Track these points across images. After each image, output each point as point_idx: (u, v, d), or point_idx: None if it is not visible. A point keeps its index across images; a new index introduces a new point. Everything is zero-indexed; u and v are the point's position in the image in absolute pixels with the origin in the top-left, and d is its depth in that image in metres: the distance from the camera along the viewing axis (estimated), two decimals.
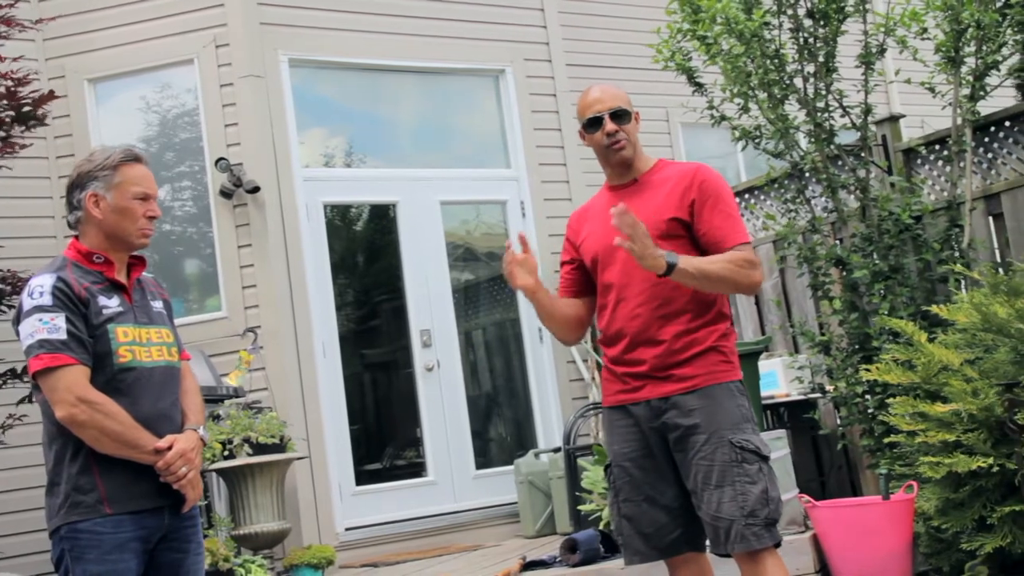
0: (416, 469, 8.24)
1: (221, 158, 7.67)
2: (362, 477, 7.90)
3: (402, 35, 8.52)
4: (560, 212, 8.92)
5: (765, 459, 3.52)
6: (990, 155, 6.31)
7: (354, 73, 8.45)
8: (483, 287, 9.02)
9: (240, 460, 6.06)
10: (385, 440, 8.55)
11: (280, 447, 6.28)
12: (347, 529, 7.60)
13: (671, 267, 3.39)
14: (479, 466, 8.33)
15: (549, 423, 8.59)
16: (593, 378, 8.64)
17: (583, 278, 3.83)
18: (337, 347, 7.88)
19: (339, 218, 8.44)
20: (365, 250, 8.67)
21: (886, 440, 5.40)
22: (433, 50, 8.63)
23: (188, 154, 8.02)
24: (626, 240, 3.37)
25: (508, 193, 8.83)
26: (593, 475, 6.18)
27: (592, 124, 3.72)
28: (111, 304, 3.20)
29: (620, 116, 3.71)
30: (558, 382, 8.65)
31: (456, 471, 8.19)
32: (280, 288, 7.61)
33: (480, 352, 8.90)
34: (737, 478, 3.45)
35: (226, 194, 7.63)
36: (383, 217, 8.57)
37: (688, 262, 3.43)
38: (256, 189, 7.60)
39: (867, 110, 6.20)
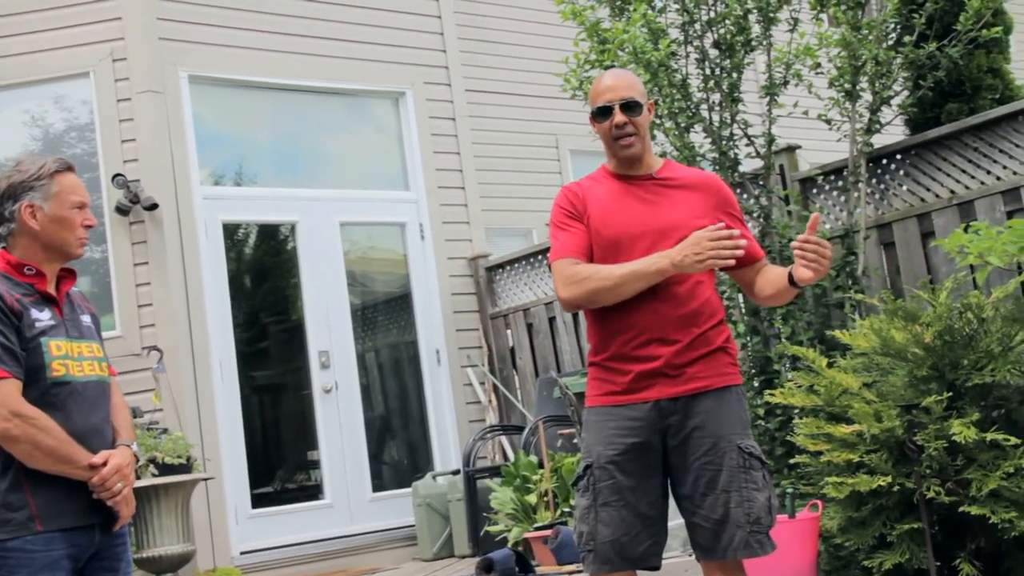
0: (313, 492, 8.18)
1: (118, 174, 7.52)
2: (258, 500, 7.80)
3: (304, 55, 8.49)
4: (459, 235, 8.99)
5: (767, 466, 3.49)
6: (882, 186, 6.55)
7: (255, 91, 8.39)
8: (381, 309, 9.01)
9: (146, 481, 5.94)
10: (282, 462, 8.46)
11: (186, 468, 6.17)
12: (242, 553, 7.50)
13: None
14: (376, 488, 8.30)
15: (446, 445, 8.60)
16: (490, 401, 8.68)
17: (591, 249, 3.61)
18: (235, 367, 7.78)
19: (238, 237, 8.35)
20: (264, 270, 8.58)
21: (791, 460, 5.54)
22: (334, 70, 8.62)
23: (82, 169, 7.69)
24: (820, 272, 3.39)
25: (407, 215, 8.84)
26: (501, 496, 6.21)
27: (601, 113, 3.56)
28: (43, 317, 3.12)
29: (631, 107, 3.55)
30: (455, 404, 8.67)
31: (353, 494, 8.14)
32: (177, 307, 7.49)
33: (378, 374, 8.88)
34: (744, 484, 3.39)
35: (122, 211, 7.49)
36: (282, 237, 8.50)
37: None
38: (154, 206, 7.48)
39: (771, 139, 6.38)
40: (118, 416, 3.30)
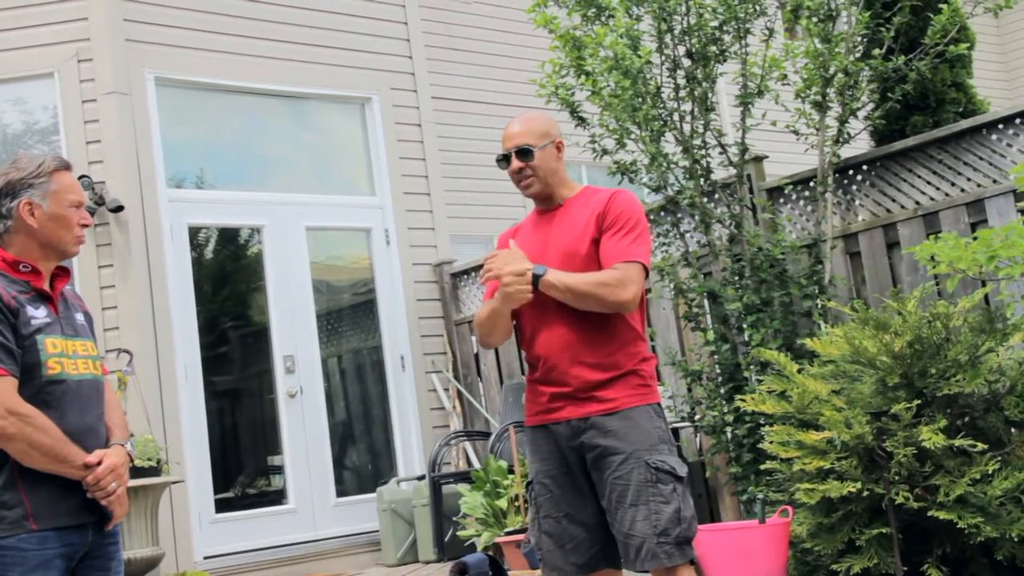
0: (276, 497, 8.15)
1: (83, 175, 7.46)
2: (222, 504, 7.76)
3: (271, 59, 8.48)
4: (424, 241, 9.00)
5: (680, 479, 3.62)
6: (849, 197, 6.64)
7: (223, 95, 8.36)
8: (346, 314, 8.99)
9: None
10: (246, 467, 8.42)
11: (156, 471, 6.13)
12: (205, 558, 7.45)
13: (536, 279, 3.57)
14: (340, 494, 8.28)
15: (410, 451, 8.60)
16: (454, 407, 8.70)
17: None
18: (200, 371, 7.74)
19: (204, 241, 8.30)
20: (230, 274, 8.54)
21: (760, 466, 5.59)
22: (301, 75, 8.61)
23: None
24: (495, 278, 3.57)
25: (373, 221, 8.84)
26: (471, 500, 6.22)
27: (502, 160, 3.84)
28: (39, 315, 3.10)
29: (524, 153, 3.78)
30: (419, 410, 8.68)
31: (317, 499, 8.12)
32: (142, 310, 7.44)
33: (343, 379, 8.86)
34: (651, 498, 3.55)
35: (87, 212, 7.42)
36: (248, 241, 8.47)
37: (555, 276, 3.58)
38: (119, 208, 7.43)
39: (743, 148, 6.46)
40: (112, 415, 3.29)
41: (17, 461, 3.00)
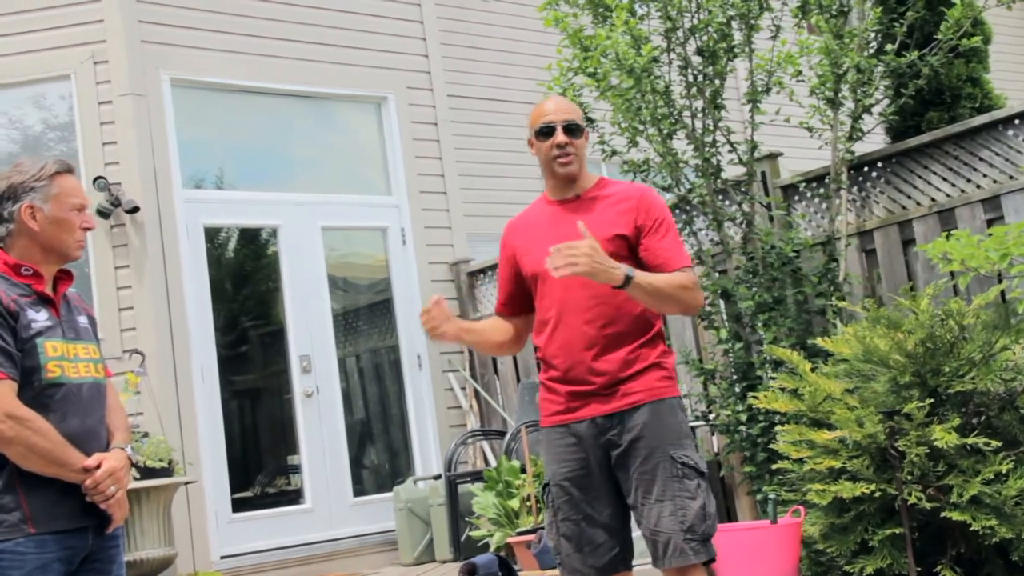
0: (293, 496, 8.17)
1: (99, 177, 7.50)
2: (239, 504, 7.78)
3: (286, 59, 8.49)
4: (440, 240, 8.99)
5: (703, 475, 3.59)
6: (864, 194, 6.59)
7: (238, 95, 8.38)
8: (363, 313, 9.01)
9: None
10: (263, 466, 8.45)
11: (168, 471, 6.16)
12: (223, 557, 7.48)
13: (628, 280, 3.45)
14: (356, 493, 8.30)
15: (427, 450, 8.60)
16: (471, 406, 8.69)
17: (519, 293, 3.86)
18: (216, 371, 7.76)
19: (220, 241, 8.33)
20: (246, 274, 8.57)
21: (773, 466, 5.56)
22: (316, 75, 8.62)
23: None
24: (568, 268, 3.40)
25: (389, 220, 8.85)
26: (484, 500, 6.21)
27: (543, 133, 3.73)
28: (40, 318, 3.11)
29: (572, 130, 3.73)
30: (436, 409, 8.68)
31: (333, 498, 8.13)
32: (159, 311, 7.47)
33: (360, 379, 8.88)
34: (678, 493, 3.52)
35: (103, 214, 7.47)
36: (264, 241, 8.49)
37: (643, 277, 3.49)
38: (135, 209, 7.46)
39: (753, 146, 6.42)
40: (114, 418, 3.29)
41: (16, 465, 3.02)
